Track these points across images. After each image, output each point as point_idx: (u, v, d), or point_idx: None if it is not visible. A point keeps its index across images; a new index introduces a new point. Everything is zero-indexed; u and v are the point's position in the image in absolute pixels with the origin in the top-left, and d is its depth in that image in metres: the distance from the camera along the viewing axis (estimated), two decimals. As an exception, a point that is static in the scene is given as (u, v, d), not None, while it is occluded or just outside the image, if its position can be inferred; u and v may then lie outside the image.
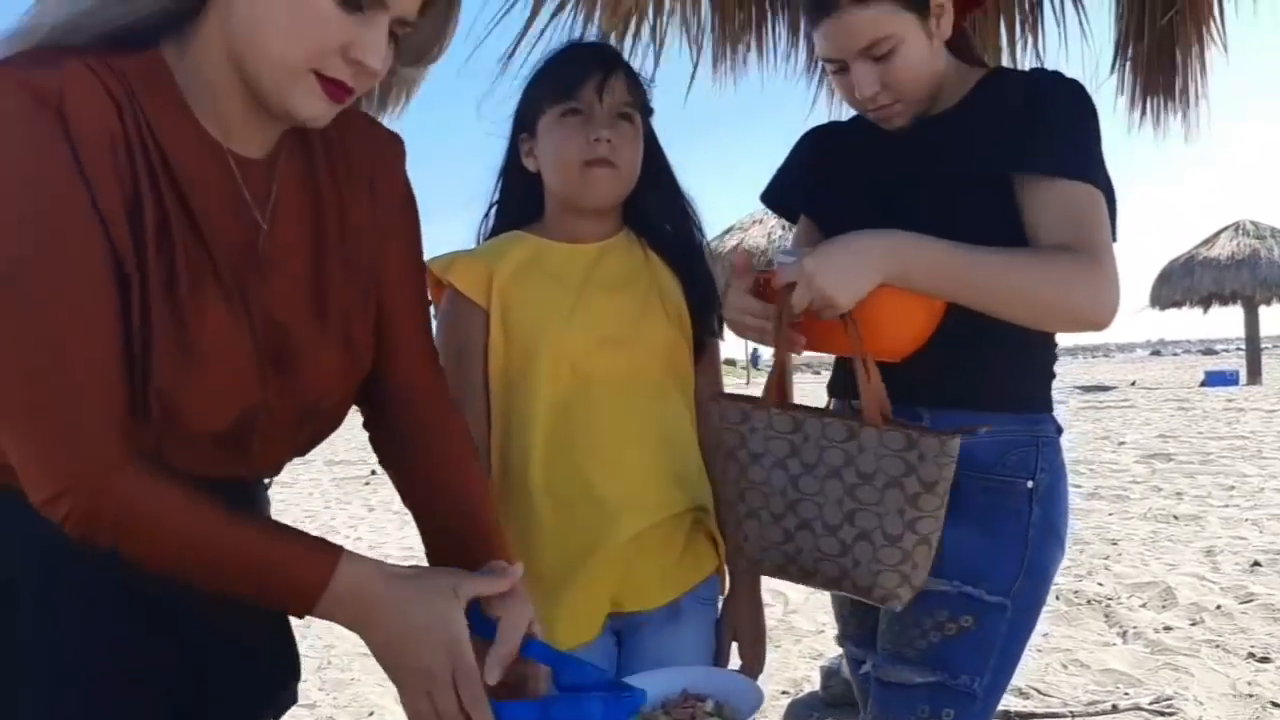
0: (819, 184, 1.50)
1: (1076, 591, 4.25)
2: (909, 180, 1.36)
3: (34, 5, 0.83)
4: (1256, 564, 4.65)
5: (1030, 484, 1.32)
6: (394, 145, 1.07)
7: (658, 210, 1.46)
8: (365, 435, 1.10)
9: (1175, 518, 5.93)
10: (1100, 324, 1.25)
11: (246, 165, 0.93)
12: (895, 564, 1.21)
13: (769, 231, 14.02)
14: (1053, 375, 1.42)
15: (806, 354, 1.34)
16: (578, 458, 1.34)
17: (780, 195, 1.58)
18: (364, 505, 7.58)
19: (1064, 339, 1.44)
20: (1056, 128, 1.28)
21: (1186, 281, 19.77)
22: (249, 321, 0.90)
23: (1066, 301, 1.23)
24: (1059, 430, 1.40)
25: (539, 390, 1.35)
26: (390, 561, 0.90)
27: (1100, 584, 4.40)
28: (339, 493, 8.33)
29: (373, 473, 8.65)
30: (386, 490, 8.28)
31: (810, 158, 1.56)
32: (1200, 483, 7.22)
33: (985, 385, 1.35)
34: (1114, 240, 1.31)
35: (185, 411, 0.86)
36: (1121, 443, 10.00)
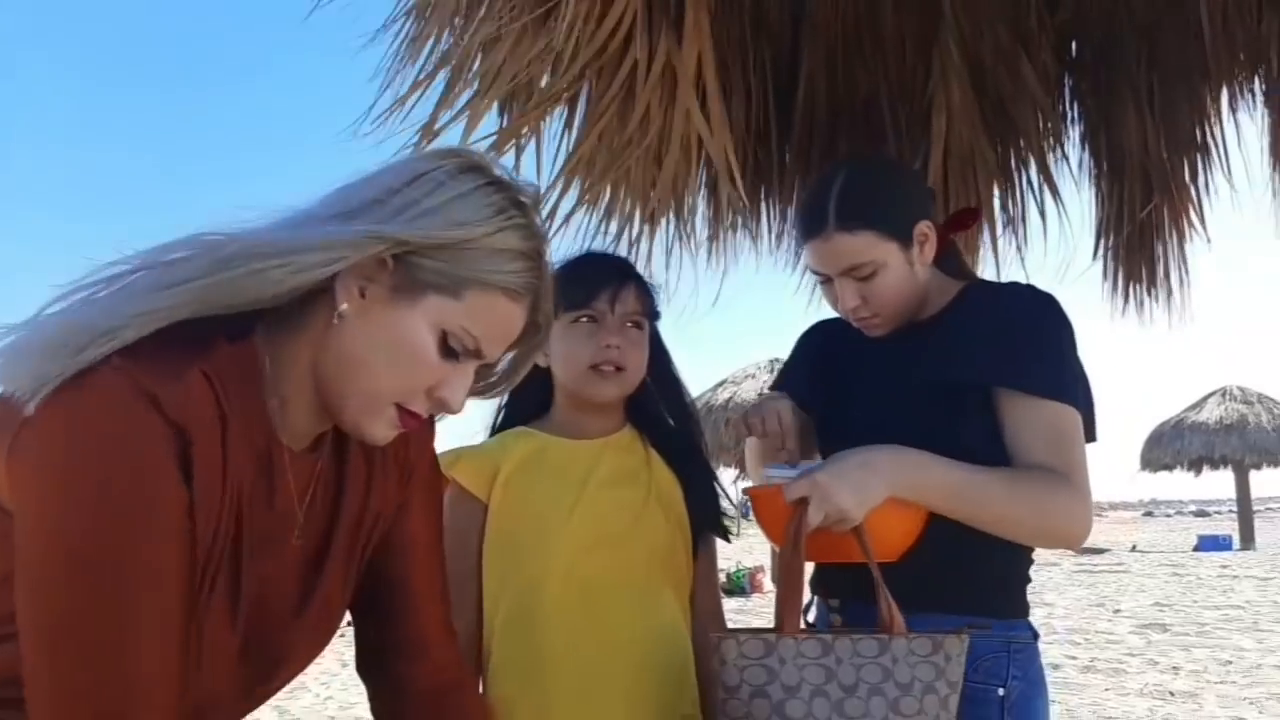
0: (813, 382, 1.57)
1: (1076, 776, 4.11)
2: (892, 384, 1.43)
3: (170, 260, 0.80)
4: (1260, 750, 4.53)
5: (1001, 692, 1.32)
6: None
7: (660, 409, 1.50)
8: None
9: (1172, 694, 5.79)
10: (1076, 545, 1.33)
11: (294, 459, 0.92)
12: None
13: (761, 387, 14.14)
14: (1028, 580, 1.44)
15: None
16: (567, 657, 1.33)
17: (786, 391, 1.64)
18: (337, 660, 7.31)
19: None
20: (1037, 346, 1.35)
21: (1177, 445, 19.86)
22: (243, 628, 0.88)
23: (1050, 524, 1.31)
24: (1035, 636, 1.40)
25: (534, 584, 1.35)
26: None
27: (1100, 768, 4.26)
28: (316, 643, 8.06)
29: (348, 624, 8.39)
30: (366, 641, 8.04)
31: (809, 355, 1.64)
32: (1196, 656, 7.07)
33: (959, 588, 1.36)
34: (1094, 440, 1.37)
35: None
36: (1117, 610, 9.83)
